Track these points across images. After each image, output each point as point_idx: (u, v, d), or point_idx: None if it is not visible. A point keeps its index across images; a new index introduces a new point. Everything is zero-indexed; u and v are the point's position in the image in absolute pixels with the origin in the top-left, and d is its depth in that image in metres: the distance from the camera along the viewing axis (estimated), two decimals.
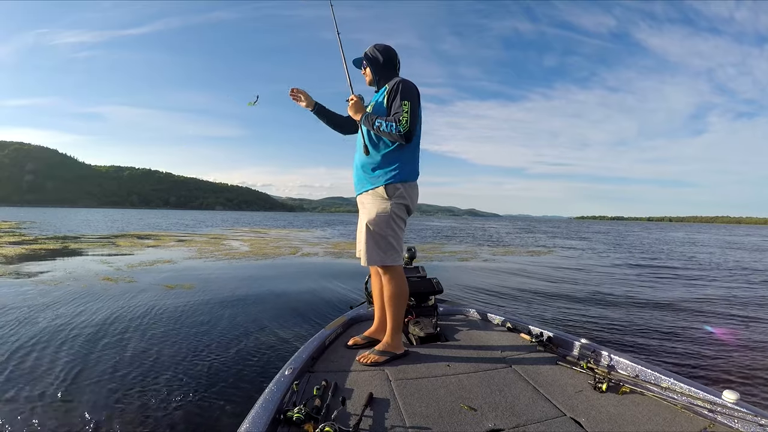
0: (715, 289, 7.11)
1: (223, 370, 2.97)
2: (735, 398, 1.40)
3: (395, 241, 2.00)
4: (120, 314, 4.33)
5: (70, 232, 18.85)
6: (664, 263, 11.51)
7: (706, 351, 3.65)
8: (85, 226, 24.28)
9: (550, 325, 3.05)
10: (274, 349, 3.45)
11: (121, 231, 20.42)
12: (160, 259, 9.24)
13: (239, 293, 5.70)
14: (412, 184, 2.06)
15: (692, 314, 5.13)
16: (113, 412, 2.36)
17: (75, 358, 3.09)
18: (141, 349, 3.34)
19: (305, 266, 9.31)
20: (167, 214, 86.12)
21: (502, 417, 1.45)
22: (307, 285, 6.53)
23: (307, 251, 12.42)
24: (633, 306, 5.58)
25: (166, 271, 7.56)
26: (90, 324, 3.95)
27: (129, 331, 3.78)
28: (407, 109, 1.88)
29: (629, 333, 4.22)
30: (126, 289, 5.63)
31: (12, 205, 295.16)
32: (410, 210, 2.09)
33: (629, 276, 8.76)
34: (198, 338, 3.67)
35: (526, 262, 11.40)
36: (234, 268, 8.39)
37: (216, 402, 2.49)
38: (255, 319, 4.37)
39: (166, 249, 11.87)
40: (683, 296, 6.39)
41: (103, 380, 2.75)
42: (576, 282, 7.71)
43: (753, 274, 9.51)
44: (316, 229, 29.42)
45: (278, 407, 1.38)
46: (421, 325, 2.33)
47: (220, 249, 12.19)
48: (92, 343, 3.45)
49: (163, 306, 4.74)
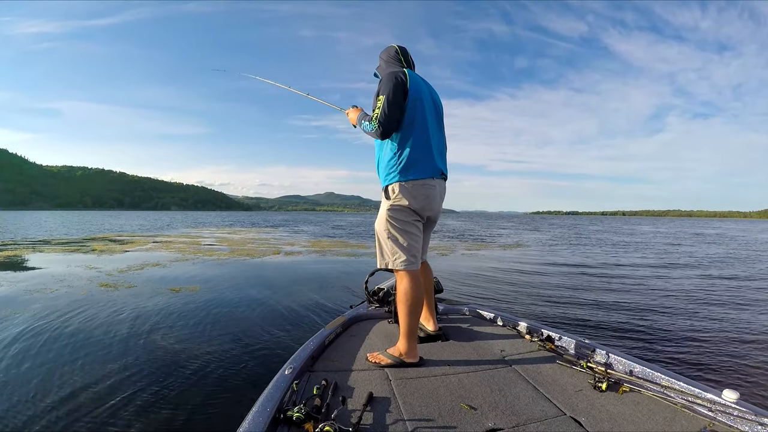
0: (702, 280, 7.81)
1: (244, 370, 3.03)
2: (735, 397, 1.41)
3: (397, 245, 1.93)
4: (142, 319, 4.29)
5: (34, 236, 17.90)
6: (654, 259, 12.02)
7: (706, 349, 3.67)
8: (46, 230, 23.04)
9: (550, 324, 3.11)
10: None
11: (88, 234, 19.55)
12: (147, 262, 9.17)
13: (245, 293, 5.74)
14: (417, 182, 1.92)
15: (689, 309, 5.30)
16: (113, 411, 2.36)
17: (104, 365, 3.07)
18: (173, 350, 3.37)
19: (295, 265, 9.43)
20: (123, 215, 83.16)
21: (502, 416, 1.45)
22: (310, 284, 6.65)
23: (288, 251, 12.70)
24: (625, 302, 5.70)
25: (160, 275, 7.41)
26: (109, 329, 3.88)
27: (156, 334, 3.77)
28: (380, 104, 1.85)
29: (621, 329, 4.28)
30: (131, 294, 5.49)
31: None
32: (416, 210, 1.95)
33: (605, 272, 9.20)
34: (213, 338, 3.70)
35: (501, 255, 12.27)
36: (228, 269, 8.37)
37: (216, 402, 2.53)
38: (271, 318, 4.44)
39: (146, 252, 11.64)
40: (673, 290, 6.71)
41: (105, 381, 2.75)
42: (551, 276, 8.22)
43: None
44: (274, 229, 29.16)
45: (278, 407, 1.38)
46: (422, 325, 2.33)
47: (202, 250, 12.18)
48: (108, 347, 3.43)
49: (180, 309, 4.73)
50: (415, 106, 1.91)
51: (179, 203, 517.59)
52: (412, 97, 1.90)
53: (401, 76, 1.90)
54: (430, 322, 2.33)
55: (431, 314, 2.34)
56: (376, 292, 2.86)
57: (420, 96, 1.94)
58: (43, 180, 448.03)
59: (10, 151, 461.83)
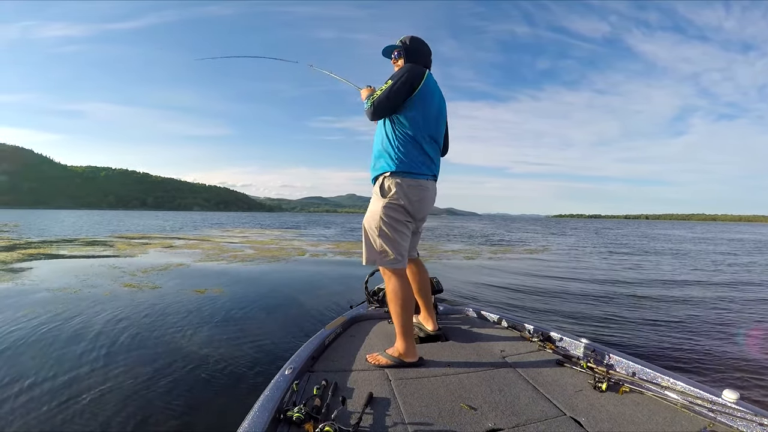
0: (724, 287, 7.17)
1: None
2: (735, 397, 1.40)
3: (387, 243, 1.91)
4: (163, 320, 4.21)
5: (57, 234, 18.14)
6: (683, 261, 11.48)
7: (706, 349, 3.61)
8: (70, 228, 23.44)
9: (550, 324, 3.06)
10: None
11: (111, 233, 19.66)
12: (171, 262, 8.95)
13: (271, 296, 5.66)
14: (413, 182, 1.91)
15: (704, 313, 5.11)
16: (116, 410, 2.37)
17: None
18: (197, 355, 3.29)
19: (320, 266, 9.20)
20: (146, 215, 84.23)
21: (502, 416, 1.45)
22: (332, 287, 6.50)
23: (313, 252, 12.29)
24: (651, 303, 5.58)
25: (184, 275, 7.30)
26: (129, 331, 3.80)
27: (178, 336, 3.72)
28: (384, 87, 1.87)
29: (630, 329, 4.21)
30: (155, 296, 5.40)
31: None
32: (410, 212, 1.94)
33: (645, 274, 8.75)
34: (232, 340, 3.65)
35: (528, 261, 11.52)
36: (252, 271, 8.22)
37: (216, 401, 2.53)
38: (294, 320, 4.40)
39: (170, 252, 11.52)
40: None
41: (114, 380, 2.76)
42: (579, 280, 7.84)
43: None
44: (301, 230, 28.99)
45: (278, 407, 1.38)
46: (422, 325, 2.34)
47: (226, 251, 11.92)
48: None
49: (204, 311, 4.63)
50: (424, 106, 1.91)
51: (202, 204, 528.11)
52: (422, 96, 1.90)
53: (418, 75, 1.90)
54: (430, 322, 2.30)
55: (430, 314, 2.32)
56: (376, 292, 2.89)
57: (432, 99, 1.95)
58: (67, 180, 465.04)
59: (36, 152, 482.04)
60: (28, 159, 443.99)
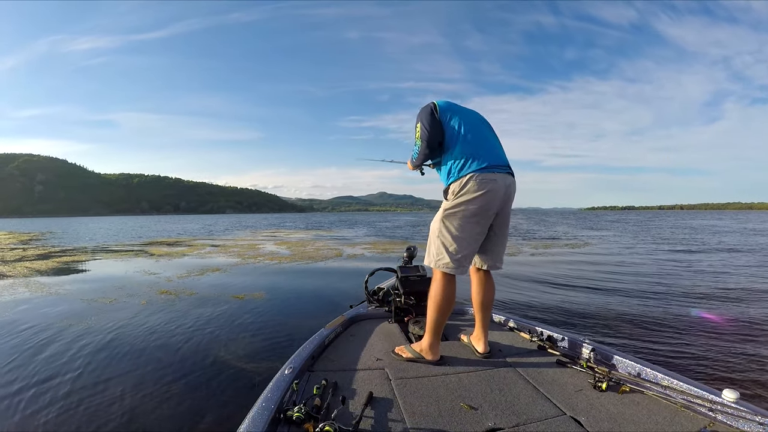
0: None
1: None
2: (735, 397, 1.37)
3: (444, 246, 1.88)
4: (201, 329, 4.07)
5: (93, 241, 18.40)
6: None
7: (707, 348, 3.47)
8: (105, 235, 23.94)
9: (551, 324, 3.02)
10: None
11: (146, 239, 19.89)
12: (207, 267, 8.66)
13: (311, 299, 5.55)
14: (473, 176, 1.81)
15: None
16: (136, 411, 2.42)
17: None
18: (236, 367, 3.18)
19: (360, 267, 8.85)
20: (180, 219, 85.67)
21: (502, 416, 1.44)
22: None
23: (350, 253, 11.72)
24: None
25: (221, 280, 7.13)
26: (164, 341, 3.69)
27: (217, 346, 3.59)
28: (419, 125, 1.96)
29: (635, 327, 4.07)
30: (192, 302, 5.21)
31: (24, 216, 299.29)
32: (475, 207, 1.82)
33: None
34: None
35: (571, 255, 10.91)
36: (290, 274, 8.00)
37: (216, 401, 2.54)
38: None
39: (206, 256, 11.33)
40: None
41: (116, 385, 2.80)
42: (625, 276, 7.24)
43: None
44: (336, 229, 28.60)
45: (278, 407, 1.36)
46: (421, 324, 2.30)
47: (262, 254, 11.56)
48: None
49: (246, 318, 4.48)
50: (453, 116, 1.94)
51: (234, 206, 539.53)
52: (445, 111, 1.95)
53: (430, 105, 1.98)
54: (481, 343, 2.10)
55: (484, 334, 2.11)
56: (376, 292, 2.87)
57: (454, 108, 1.98)
58: (101, 188, 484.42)
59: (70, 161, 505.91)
60: (62, 169, 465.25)
